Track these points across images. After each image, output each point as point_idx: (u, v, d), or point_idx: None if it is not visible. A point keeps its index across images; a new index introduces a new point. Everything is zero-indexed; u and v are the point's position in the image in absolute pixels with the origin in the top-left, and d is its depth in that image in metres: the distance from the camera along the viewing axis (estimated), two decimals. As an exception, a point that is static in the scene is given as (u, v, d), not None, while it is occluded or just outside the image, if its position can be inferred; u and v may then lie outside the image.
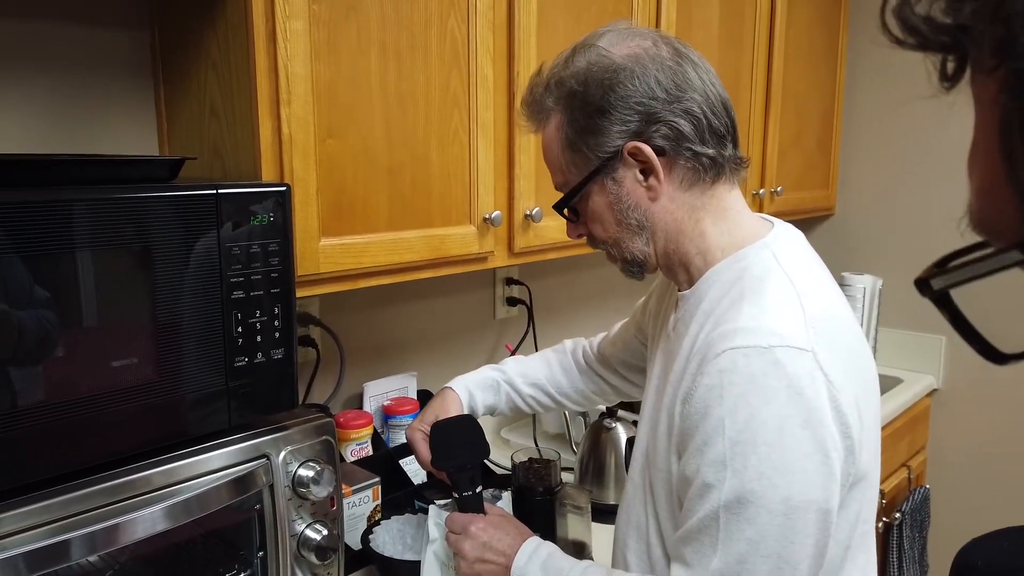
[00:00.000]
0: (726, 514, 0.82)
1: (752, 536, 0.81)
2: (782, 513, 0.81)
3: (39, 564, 0.79)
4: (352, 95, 1.19)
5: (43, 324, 0.79)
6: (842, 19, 2.53)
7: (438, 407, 1.26)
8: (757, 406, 0.82)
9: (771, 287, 0.90)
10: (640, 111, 0.92)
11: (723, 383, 0.83)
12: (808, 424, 0.82)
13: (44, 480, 0.82)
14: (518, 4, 1.40)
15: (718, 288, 0.94)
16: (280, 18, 1.07)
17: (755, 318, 0.86)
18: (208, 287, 0.93)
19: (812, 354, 0.83)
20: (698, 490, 0.85)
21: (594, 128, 0.94)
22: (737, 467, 0.81)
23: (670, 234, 0.97)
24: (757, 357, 0.83)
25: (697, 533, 0.84)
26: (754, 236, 0.96)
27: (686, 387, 0.88)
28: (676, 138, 0.92)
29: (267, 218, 0.97)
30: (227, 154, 1.17)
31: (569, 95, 0.95)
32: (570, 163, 0.98)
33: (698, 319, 0.94)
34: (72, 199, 0.81)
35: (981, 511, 2.50)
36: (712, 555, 0.83)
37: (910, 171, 2.55)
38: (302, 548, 1.04)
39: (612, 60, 0.93)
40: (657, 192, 0.95)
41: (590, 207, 0.99)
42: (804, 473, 0.81)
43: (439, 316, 1.84)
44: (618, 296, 2.35)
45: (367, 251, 1.23)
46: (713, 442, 0.83)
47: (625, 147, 0.93)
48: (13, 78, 1.15)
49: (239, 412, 0.98)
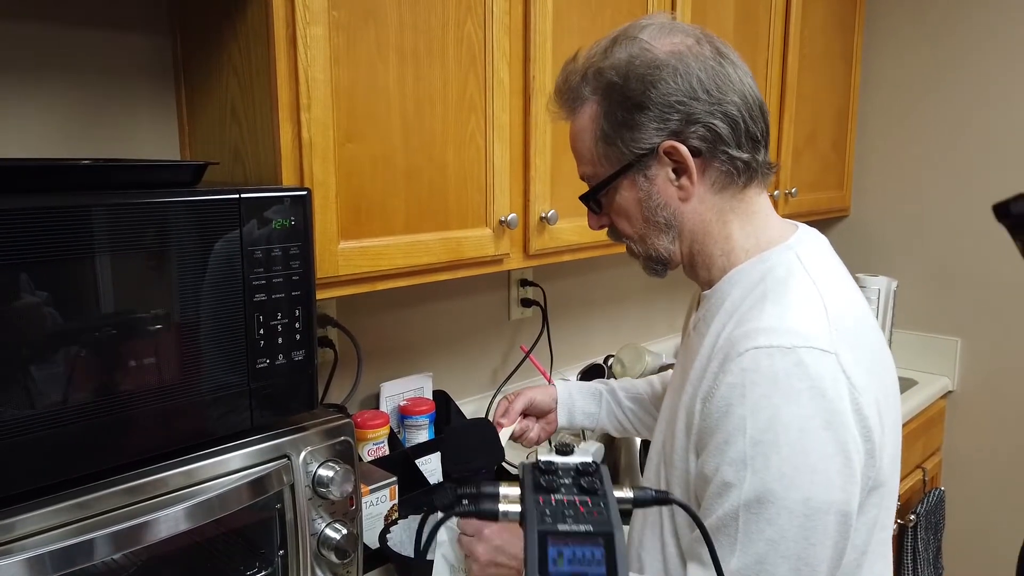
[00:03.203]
0: (746, 513, 0.82)
1: (772, 536, 0.81)
2: (802, 514, 0.81)
3: (64, 563, 0.81)
4: (370, 99, 1.20)
5: (67, 327, 0.81)
6: (857, 19, 2.53)
7: (537, 390, 1.28)
8: (779, 406, 0.81)
9: (794, 288, 0.89)
10: (680, 110, 0.90)
11: (745, 382, 0.83)
12: (830, 425, 0.81)
13: (69, 480, 0.84)
14: (534, 8, 1.41)
15: (741, 288, 0.93)
16: (300, 24, 1.09)
17: (779, 318, 0.86)
18: (230, 290, 0.94)
19: (835, 356, 0.83)
20: (717, 489, 0.84)
21: (631, 123, 0.92)
22: (758, 467, 0.81)
23: (696, 235, 0.96)
24: (780, 357, 0.82)
25: (715, 532, 0.84)
26: (779, 239, 0.96)
27: (707, 385, 0.88)
28: (713, 140, 0.91)
29: (288, 222, 0.98)
30: (248, 158, 1.18)
31: (607, 87, 0.93)
32: (602, 155, 0.96)
33: (720, 318, 0.93)
34: (98, 204, 0.82)
35: (996, 513, 2.49)
36: (730, 555, 0.83)
37: (925, 172, 2.54)
38: (322, 547, 1.05)
39: (655, 55, 0.91)
40: (689, 193, 0.94)
41: (617, 201, 0.97)
42: (825, 474, 0.81)
43: (454, 317, 1.86)
44: (633, 298, 2.35)
45: (385, 254, 1.24)
46: (734, 441, 0.83)
47: (661, 145, 0.92)
48: (38, 84, 1.17)
49: (260, 413, 0.99)
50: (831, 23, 2.38)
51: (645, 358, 2.05)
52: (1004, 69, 2.35)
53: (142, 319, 0.87)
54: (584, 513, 0.66)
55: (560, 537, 0.63)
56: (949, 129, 2.47)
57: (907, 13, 2.52)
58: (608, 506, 0.66)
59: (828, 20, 2.36)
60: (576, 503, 0.67)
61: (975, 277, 2.47)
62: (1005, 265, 2.40)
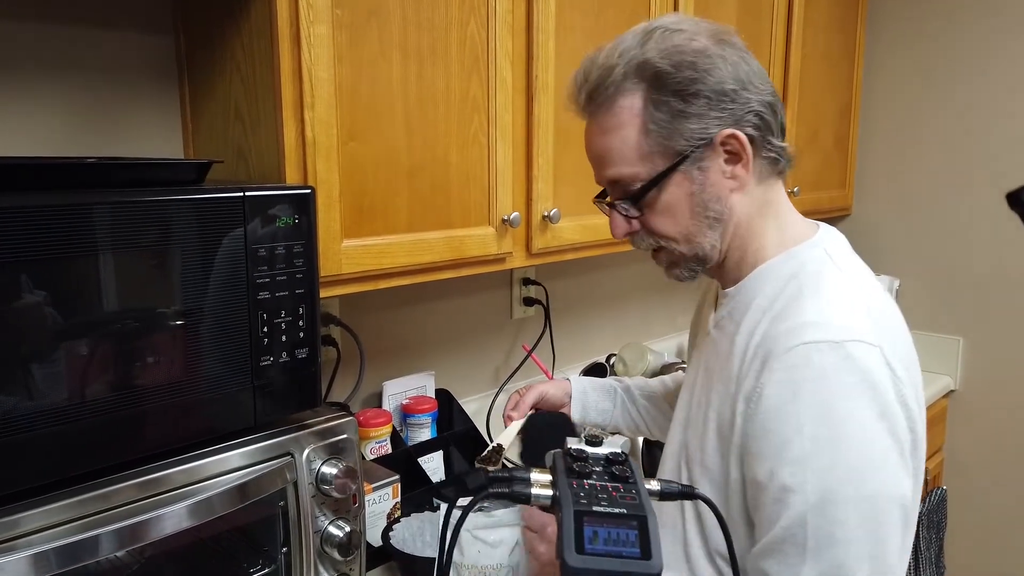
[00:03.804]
0: (814, 518, 0.78)
1: (844, 538, 0.78)
2: (869, 511, 0.79)
3: (69, 559, 0.81)
4: (374, 98, 1.20)
5: (71, 325, 0.81)
6: (860, 18, 2.53)
7: (549, 384, 1.24)
8: (834, 401, 0.80)
9: (831, 283, 0.88)
10: (735, 98, 0.88)
11: (796, 379, 0.81)
12: (884, 417, 0.80)
13: (73, 477, 0.84)
14: (537, 7, 1.41)
15: (772, 284, 0.91)
16: (304, 23, 1.09)
17: (822, 313, 0.84)
18: (234, 288, 0.94)
19: (879, 349, 0.82)
20: (777, 495, 0.81)
21: (687, 113, 0.88)
22: (818, 466, 0.79)
23: (740, 228, 0.94)
24: (830, 352, 0.81)
25: (780, 543, 0.81)
26: (803, 235, 0.95)
27: (749, 385, 0.85)
28: (762, 128, 0.90)
29: (292, 220, 0.98)
30: (251, 156, 1.19)
31: (655, 77, 0.88)
32: (649, 151, 0.90)
33: (751, 315, 0.91)
34: (101, 202, 0.83)
35: (998, 512, 2.49)
36: (800, 563, 0.79)
37: (927, 171, 2.54)
38: (325, 544, 1.06)
39: (703, 44, 0.89)
40: (743, 183, 0.92)
41: (664, 199, 0.91)
42: (885, 467, 0.80)
43: (457, 316, 1.86)
44: (635, 297, 2.36)
45: (388, 252, 1.25)
46: (791, 441, 0.80)
47: (720, 134, 0.89)
48: (42, 83, 1.17)
49: (264, 410, 0.99)
50: (833, 22, 2.38)
51: (647, 357, 2.05)
52: (1007, 67, 2.35)
53: (146, 317, 0.87)
54: (617, 497, 0.66)
55: (596, 518, 0.64)
56: (951, 128, 2.47)
57: (909, 12, 2.52)
58: (640, 493, 0.67)
59: (830, 19, 2.36)
60: (608, 488, 0.68)
61: (977, 276, 2.47)
62: (1007, 264, 2.40)
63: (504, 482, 0.71)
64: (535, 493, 0.70)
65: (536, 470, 0.72)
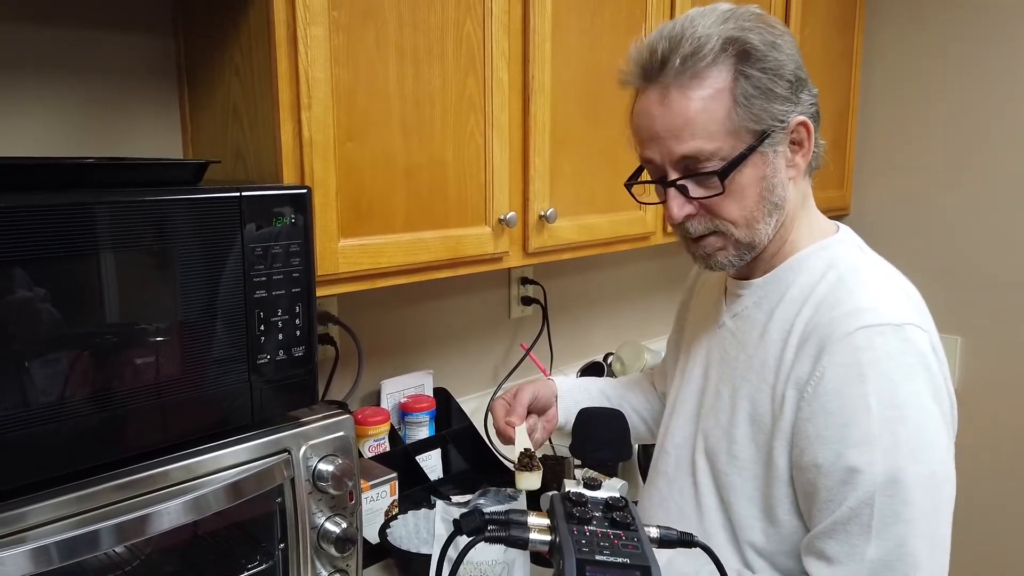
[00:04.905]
0: (882, 497, 0.80)
1: (909, 516, 0.80)
2: (931, 489, 0.81)
3: (69, 553, 0.82)
4: (370, 98, 1.21)
5: (70, 323, 0.82)
6: (858, 19, 2.53)
7: (538, 384, 1.23)
8: (899, 382, 0.81)
9: (872, 274, 0.91)
10: (808, 88, 0.90)
11: (862, 361, 0.82)
12: (937, 398, 0.83)
13: (72, 473, 0.85)
14: (533, 8, 1.42)
15: (808, 275, 0.92)
16: (301, 24, 1.10)
17: (874, 300, 0.86)
18: (232, 287, 0.95)
19: (928, 334, 0.85)
20: (842, 476, 0.81)
21: (775, 94, 0.87)
22: (886, 445, 0.80)
23: (788, 217, 0.94)
24: (892, 335, 0.83)
25: (845, 523, 0.81)
26: (828, 231, 0.97)
27: (803, 371, 0.86)
28: (816, 121, 0.92)
29: (289, 220, 0.99)
30: (249, 157, 1.20)
31: (745, 54, 0.87)
32: (736, 127, 0.87)
33: (787, 305, 0.92)
34: (100, 202, 0.83)
35: (998, 512, 2.49)
36: (865, 543, 0.80)
37: (925, 172, 2.54)
38: (322, 541, 1.07)
39: (779, 28, 0.89)
40: (799, 171, 0.93)
41: (738, 179, 0.89)
42: (940, 447, 0.83)
43: (455, 315, 1.87)
44: (632, 296, 2.37)
45: (384, 251, 1.26)
46: (857, 422, 0.81)
47: (795, 120, 0.89)
48: (41, 83, 1.18)
49: (261, 408, 1.00)
50: (831, 23, 2.39)
51: (644, 356, 2.06)
52: (1005, 67, 2.36)
53: (144, 316, 0.88)
54: (619, 546, 0.66)
55: (598, 567, 0.63)
56: (949, 128, 2.47)
57: (907, 13, 2.52)
58: (641, 541, 0.66)
59: (828, 20, 2.37)
60: (610, 535, 0.67)
61: (975, 276, 2.48)
62: (1005, 264, 2.40)
63: (501, 525, 0.71)
64: (533, 538, 0.70)
65: (534, 514, 0.72)
